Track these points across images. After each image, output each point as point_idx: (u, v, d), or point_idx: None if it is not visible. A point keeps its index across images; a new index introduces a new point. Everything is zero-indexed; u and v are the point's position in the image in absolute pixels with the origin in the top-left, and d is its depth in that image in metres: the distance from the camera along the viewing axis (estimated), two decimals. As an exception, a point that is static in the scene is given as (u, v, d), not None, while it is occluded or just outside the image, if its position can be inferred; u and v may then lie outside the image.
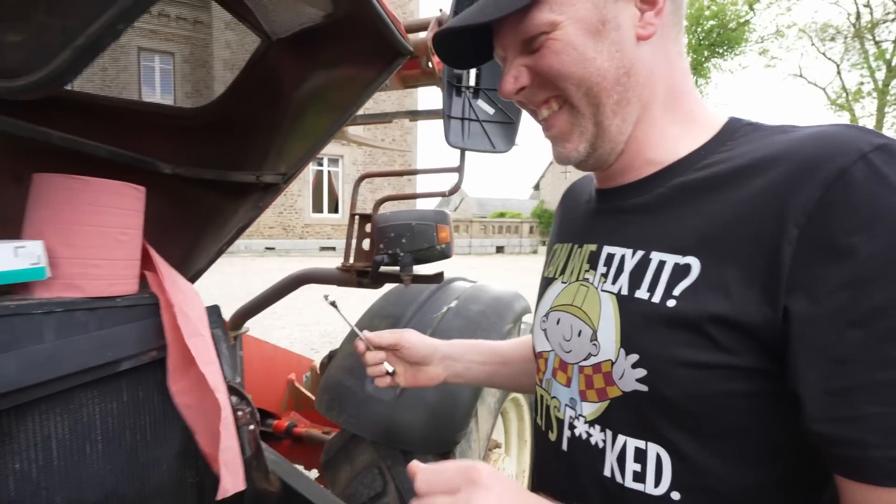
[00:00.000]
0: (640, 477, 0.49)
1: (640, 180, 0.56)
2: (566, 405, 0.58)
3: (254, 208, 1.07)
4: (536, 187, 40.50)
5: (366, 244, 1.32)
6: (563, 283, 0.62)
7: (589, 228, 0.62)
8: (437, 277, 1.30)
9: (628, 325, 0.50)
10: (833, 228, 0.39)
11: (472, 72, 1.15)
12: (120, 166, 0.94)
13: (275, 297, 1.45)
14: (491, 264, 15.00)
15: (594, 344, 0.54)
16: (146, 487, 0.88)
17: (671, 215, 0.51)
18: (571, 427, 0.57)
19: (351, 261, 1.30)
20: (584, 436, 0.55)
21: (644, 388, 0.48)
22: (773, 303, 0.41)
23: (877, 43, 17.92)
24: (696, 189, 0.50)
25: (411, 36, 1.17)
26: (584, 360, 0.55)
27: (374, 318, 1.36)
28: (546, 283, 0.67)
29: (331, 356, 1.49)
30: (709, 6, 19.33)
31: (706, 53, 20.09)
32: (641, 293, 0.49)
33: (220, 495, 0.79)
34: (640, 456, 0.49)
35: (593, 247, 0.58)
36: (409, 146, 18.41)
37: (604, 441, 0.53)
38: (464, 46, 0.60)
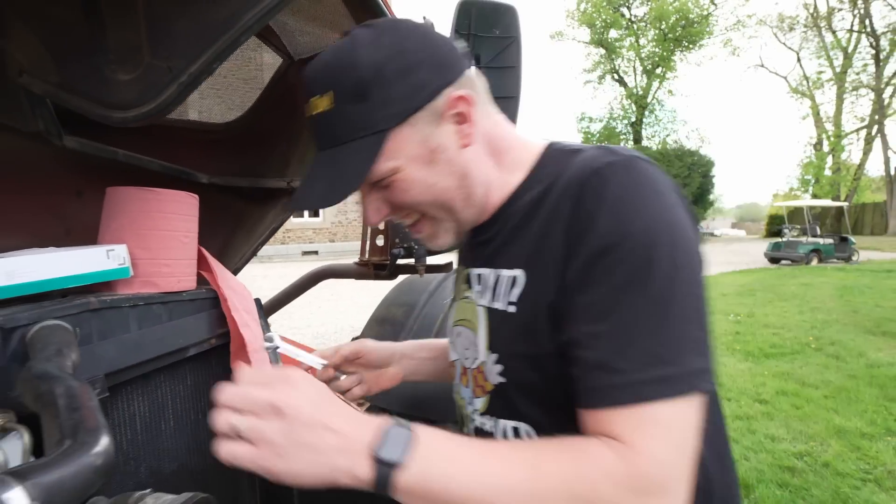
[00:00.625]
0: None
1: (487, 220, 0.67)
2: (468, 403, 0.70)
3: (284, 211, 1.19)
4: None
5: (379, 240, 1.44)
6: (457, 300, 0.75)
7: (465, 255, 0.75)
8: (447, 266, 1.43)
9: (491, 330, 0.64)
10: (579, 227, 0.53)
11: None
12: (163, 177, 1.05)
13: (295, 293, 1.57)
14: (474, 261, 15.09)
15: (476, 349, 0.66)
16: (207, 462, 0.99)
17: (507, 241, 0.64)
18: (472, 420, 0.69)
19: (366, 256, 1.43)
20: (480, 425, 0.67)
21: (504, 379, 0.62)
22: (560, 291, 0.54)
23: (833, 32, 18.62)
24: (520, 218, 0.62)
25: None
26: (473, 363, 0.68)
27: (391, 307, 1.48)
28: (451, 301, 0.81)
29: (352, 343, 1.60)
30: (672, 3, 19.80)
31: (671, 47, 20.58)
32: (496, 303, 0.62)
33: None
34: (516, 433, 0.62)
35: (467, 270, 0.71)
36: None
37: (492, 427, 0.65)
38: None
